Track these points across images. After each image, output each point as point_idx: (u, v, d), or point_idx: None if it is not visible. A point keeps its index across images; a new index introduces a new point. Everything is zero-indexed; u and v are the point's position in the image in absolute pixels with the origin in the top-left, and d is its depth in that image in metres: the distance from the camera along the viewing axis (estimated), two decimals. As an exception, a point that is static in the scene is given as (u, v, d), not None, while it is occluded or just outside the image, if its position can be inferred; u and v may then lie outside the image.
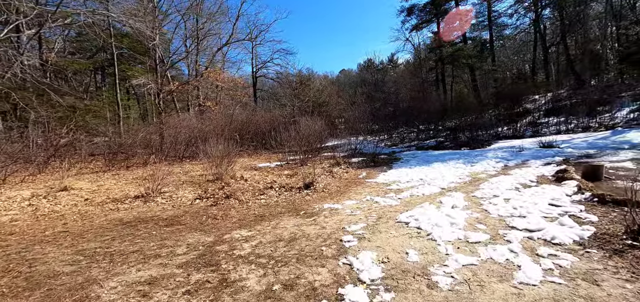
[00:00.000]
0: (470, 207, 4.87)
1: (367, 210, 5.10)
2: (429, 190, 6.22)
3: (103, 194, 7.02)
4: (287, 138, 10.98)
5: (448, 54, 21.93)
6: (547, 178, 6.68)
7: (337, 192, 6.60)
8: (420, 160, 10.41)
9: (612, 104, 15.54)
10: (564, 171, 6.71)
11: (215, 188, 7.05)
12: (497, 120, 16.78)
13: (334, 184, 7.32)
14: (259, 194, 6.52)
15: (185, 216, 5.14)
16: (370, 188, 6.84)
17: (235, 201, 5.95)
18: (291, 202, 5.87)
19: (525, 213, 4.38)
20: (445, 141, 14.97)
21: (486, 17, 24.25)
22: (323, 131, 11.48)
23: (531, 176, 6.95)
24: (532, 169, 7.73)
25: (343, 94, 32.23)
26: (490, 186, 6.18)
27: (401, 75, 32.06)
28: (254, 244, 3.77)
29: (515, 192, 5.62)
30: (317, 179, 7.73)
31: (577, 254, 3.09)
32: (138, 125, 17.59)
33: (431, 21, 23.94)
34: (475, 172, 7.84)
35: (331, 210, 5.22)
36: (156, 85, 15.03)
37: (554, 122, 15.66)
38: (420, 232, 3.91)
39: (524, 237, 3.55)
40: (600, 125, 14.09)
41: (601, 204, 4.60)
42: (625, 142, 10.48)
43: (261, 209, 5.44)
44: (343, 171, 9.14)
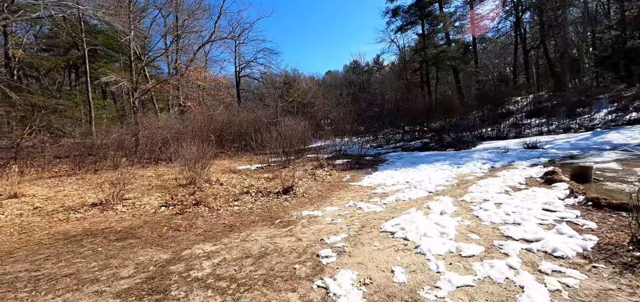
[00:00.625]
0: (461, 213, 4.46)
1: (349, 217, 4.61)
2: (416, 194, 5.80)
3: (58, 201, 6.24)
4: (268, 139, 10.39)
5: (432, 55, 21.87)
6: (536, 180, 6.40)
7: (318, 197, 6.09)
8: (406, 161, 10.05)
9: (591, 105, 15.75)
10: (552, 173, 6.46)
11: (186, 193, 6.40)
12: (481, 121, 16.73)
13: (316, 188, 6.80)
14: (233, 200, 5.92)
15: (143, 227, 4.49)
16: (354, 192, 6.36)
17: (205, 208, 5.33)
18: (267, 209, 5.31)
19: (519, 220, 4.00)
20: (430, 142, 14.75)
21: (469, 20, 24.42)
22: (307, 132, 10.96)
23: (519, 177, 6.66)
24: (519, 170, 7.47)
25: (329, 95, 31.86)
26: (479, 189, 5.82)
27: (387, 76, 31.96)
28: (216, 262, 3.20)
29: (505, 195, 5.27)
30: (298, 182, 7.19)
31: (583, 269, 2.70)
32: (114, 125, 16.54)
33: (416, 23, 23.86)
34: (462, 174, 7.51)
35: (310, 218, 4.70)
36: (131, 83, 14.11)
37: (536, 124, 15.73)
38: (407, 245, 3.44)
39: (522, 249, 3.14)
40: (580, 126, 14.22)
41: (597, 209, 4.29)
42: (606, 143, 10.47)
43: (232, 218, 4.85)
44: (326, 173, 8.65)
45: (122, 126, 15.46)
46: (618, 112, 14.69)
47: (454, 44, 23.70)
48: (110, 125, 16.92)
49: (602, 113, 15.13)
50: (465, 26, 25.20)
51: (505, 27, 24.70)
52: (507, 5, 23.92)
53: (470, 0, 24.22)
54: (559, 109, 16.32)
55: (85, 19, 14.74)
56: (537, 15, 21.64)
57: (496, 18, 25.04)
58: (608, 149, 9.65)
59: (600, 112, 15.19)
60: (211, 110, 21.82)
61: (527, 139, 12.34)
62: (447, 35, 23.77)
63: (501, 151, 10.60)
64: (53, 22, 20.05)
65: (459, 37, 25.66)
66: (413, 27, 24.54)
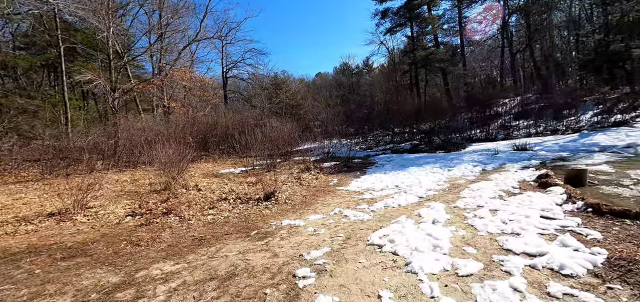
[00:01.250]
0: (454, 222, 4.08)
1: (333, 227, 4.16)
2: (406, 199, 5.40)
3: (13, 210, 5.59)
4: (253, 141, 9.87)
5: (421, 57, 21.73)
6: (530, 184, 6.10)
7: (302, 203, 5.62)
8: (396, 164, 9.69)
9: (577, 108, 15.80)
10: (546, 176, 6.18)
11: (158, 200, 5.83)
12: (470, 123, 16.60)
13: (300, 194, 6.33)
14: (208, 207, 5.39)
15: (99, 241, 3.94)
16: (341, 198, 5.92)
17: (175, 217, 4.80)
18: (244, 218, 4.81)
19: (518, 229, 3.63)
20: (420, 144, 14.48)
21: (457, 23, 24.45)
22: (294, 134, 10.48)
23: (512, 181, 6.35)
24: (511, 173, 7.18)
25: (319, 97, 31.46)
26: (472, 194, 5.47)
27: (376, 78, 31.78)
28: (174, 287, 2.70)
29: (500, 201, 4.92)
30: (282, 187, 6.71)
31: (598, 291, 2.31)
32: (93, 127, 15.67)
33: (405, 25, 23.71)
34: (453, 178, 7.17)
35: (291, 228, 4.23)
36: (109, 83, 13.34)
37: (524, 125, 15.68)
38: (396, 261, 3.01)
39: (526, 266, 2.75)
40: (567, 128, 14.19)
41: (598, 216, 3.96)
42: (594, 145, 10.36)
43: (204, 229, 4.34)
44: (313, 177, 8.19)
45: (100, 128, 14.66)
46: (603, 114, 14.76)
47: (443, 46, 23.67)
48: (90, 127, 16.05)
49: (588, 115, 15.19)
50: (453, 29, 25.29)
51: (492, 30, 24.85)
52: (494, 9, 24.11)
53: (458, 4, 24.30)
54: (546, 111, 16.35)
55: (60, 15, 13.91)
56: (523, 18, 21.78)
57: (484, 21, 25.24)
58: (597, 150, 9.52)
59: (586, 114, 15.24)
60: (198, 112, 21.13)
61: (516, 140, 12.20)
62: (435, 38, 23.71)
63: (491, 152, 10.37)
64: (30, 19, 19.04)
65: (448, 40, 25.71)
66: (402, 29, 24.40)
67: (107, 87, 13.21)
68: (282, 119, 13.87)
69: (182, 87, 20.85)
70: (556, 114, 15.76)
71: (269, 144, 9.80)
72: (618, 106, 15.27)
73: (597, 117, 14.64)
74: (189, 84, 18.46)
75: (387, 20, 24.17)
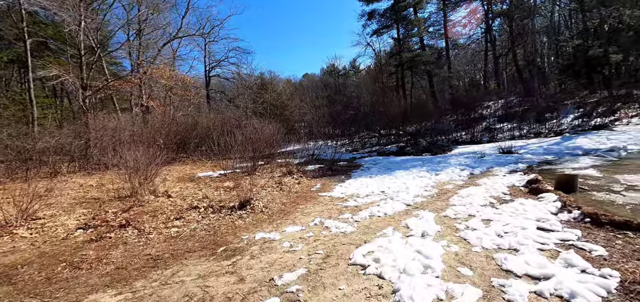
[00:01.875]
0: (445, 235, 3.67)
1: (312, 242, 3.68)
2: (393, 207, 4.97)
3: (-54, 222, 4.80)
4: (233, 143, 9.27)
5: (408, 59, 21.61)
6: (520, 190, 5.81)
7: (280, 212, 5.11)
8: (382, 168, 9.31)
9: (558, 111, 15.96)
10: (536, 181, 5.91)
11: (119, 210, 5.18)
12: (456, 125, 16.50)
13: (279, 201, 5.81)
14: (175, 217, 4.80)
15: (33, 263, 3.30)
16: (323, 205, 5.44)
17: (134, 230, 4.18)
18: (214, 231, 4.25)
19: (515, 244, 3.25)
20: (406, 146, 14.22)
21: (442, 26, 24.51)
22: (276, 135, 9.93)
23: (502, 186, 6.06)
24: (500, 178, 6.91)
25: (306, 98, 30.95)
26: (462, 201, 5.11)
27: (363, 80, 31.59)
28: (107, 329, 2.14)
29: (492, 209, 4.56)
30: (261, 193, 6.18)
31: (620, 329, 1.93)
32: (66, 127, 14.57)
33: (391, 27, 23.57)
34: (441, 182, 6.83)
35: (264, 243, 3.71)
36: (78, 80, 12.38)
37: (507, 128, 15.70)
38: (382, 287, 2.55)
39: (531, 294, 2.35)
40: (550, 131, 14.26)
41: (597, 227, 3.65)
42: (577, 148, 10.33)
43: (164, 246, 3.76)
44: (295, 181, 7.68)
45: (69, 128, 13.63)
46: (583, 117, 14.95)
47: (428, 48, 23.67)
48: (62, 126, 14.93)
49: (569, 118, 15.36)
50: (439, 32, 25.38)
51: (476, 33, 25.09)
52: (478, 13, 24.33)
53: (443, 7, 24.38)
54: (529, 114, 16.46)
55: (25, 7, 12.82)
56: (506, 23, 22.01)
57: (468, 25, 25.45)
58: (580, 154, 9.46)
59: (567, 118, 15.41)
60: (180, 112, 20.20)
61: (501, 143, 12.06)
62: (421, 40, 23.67)
63: (477, 155, 10.16)
64: None
65: (433, 43, 25.77)
66: (388, 31, 24.26)
67: (77, 84, 12.22)
68: (266, 120, 13.30)
69: (162, 86, 19.89)
70: (538, 117, 15.87)
71: (250, 146, 9.22)
72: (597, 110, 15.53)
73: (578, 120, 14.81)
74: (168, 83, 17.56)
75: (373, 21, 23.98)
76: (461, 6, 25.00)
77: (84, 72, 12.91)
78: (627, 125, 13.31)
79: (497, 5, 22.65)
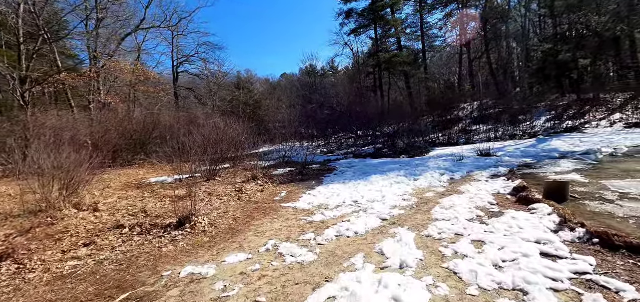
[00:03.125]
0: (430, 266, 2.80)
1: (256, 281, 2.68)
2: (365, 224, 4.08)
3: None
4: (192, 144, 8.06)
5: (385, 59, 21.09)
6: (507, 198, 5.12)
7: (228, 231, 4.06)
8: (357, 171, 8.46)
9: (531, 114, 15.93)
10: (523, 189, 5.25)
11: (16, 231, 3.92)
12: (433, 127, 16.07)
13: (231, 215, 4.75)
14: (84, 243, 3.62)
15: None
16: (283, 221, 4.45)
17: (10, 267, 2.99)
18: (128, 264, 3.15)
19: (521, 281, 2.43)
20: (383, 148, 13.52)
21: (419, 28, 24.27)
22: (243, 136, 8.80)
23: (487, 194, 5.35)
24: (483, 184, 6.24)
25: (284, 98, 29.80)
26: (445, 214, 4.31)
27: (341, 80, 30.91)
28: None
29: (481, 226, 3.78)
30: (214, 203, 5.09)
31: None
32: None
33: (369, 26, 23.00)
34: (420, 189, 6.05)
35: (190, 283, 2.67)
36: (16, 71, 10.60)
37: (483, 130, 15.45)
38: None
39: None
40: (524, 133, 14.09)
41: (610, 251, 2.94)
42: (553, 151, 10.03)
43: (44, 292, 2.62)
44: (258, 188, 6.64)
45: (9, 124, 11.72)
46: (555, 120, 14.98)
47: (406, 50, 23.31)
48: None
49: (541, 121, 15.35)
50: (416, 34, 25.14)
51: (451, 36, 25.07)
52: (454, 17, 24.31)
53: (420, 9, 24.14)
54: (503, 117, 16.36)
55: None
56: (481, 29, 22.04)
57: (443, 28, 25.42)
58: (558, 157, 9.13)
59: (540, 120, 15.39)
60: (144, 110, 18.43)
61: (479, 145, 11.60)
62: (399, 41, 23.28)
63: (456, 158, 9.56)
64: None
65: (410, 45, 25.52)
66: (366, 31, 23.68)
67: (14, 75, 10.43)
68: (234, 119, 12.10)
69: (126, 82, 18.03)
70: (512, 120, 15.78)
71: (211, 147, 8.05)
72: (568, 113, 15.66)
73: (550, 123, 14.82)
74: (128, 78, 15.83)
75: (351, 20, 23.31)
76: (437, 9, 24.94)
77: (23, 62, 11.10)
78: (597, 128, 13.38)
79: (472, 9, 22.72)
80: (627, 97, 15.56)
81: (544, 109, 16.45)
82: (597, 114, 14.97)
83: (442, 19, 24.79)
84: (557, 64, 17.94)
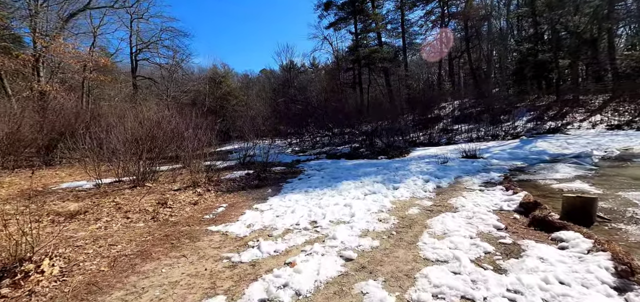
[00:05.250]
0: None
1: None
2: (316, 272, 2.50)
3: None
4: (115, 142, 6.18)
5: (365, 54, 19.71)
6: (515, 219, 3.75)
7: (80, 292, 2.35)
8: (326, 176, 6.91)
9: (512, 113, 15.08)
10: (534, 206, 3.90)
11: None
12: (413, 125, 14.84)
13: (114, 251, 3.02)
14: None
15: None
16: (191, 264, 2.79)
17: None
18: None
19: None
20: (361, 147, 12.09)
21: (400, 24, 23.12)
22: (185, 131, 6.99)
23: (487, 212, 3.96)
24: (477, 194, 4.87)
25: (262, 93, 27.78)
26: (438, 249, 2.83)
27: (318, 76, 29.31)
28: None
29: (497, 277, 2.31)
30: (111, 227, 3.34)
31: None
32: None
33: (349, 20, 21.53)
34: (401, 203, 4.58)
35: None
36: None
37: (464, 130, 14.41)
38: None
39: None
40: (506, 133, 13.13)
41: None
42: (542, 153, 9.00)
43: None
44: (192, 199, 4.92)
45: None
46: (536, 120, 14.18)
47: (386, 46, 22.07)
48: None
49: (522, 121, 14.52)
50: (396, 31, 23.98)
51: (432, 34, 24.12)
52: (434, 15, 23.34)
53: (401, 5, 22.96)
54: (483, 116, 15.45)
55: None
56: (462, 25, 21.16)
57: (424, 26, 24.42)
58: (548, 160, 8.10)
59: (521, 120, 14.55)
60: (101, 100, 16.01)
61: (463, 145, 10.38)
62: (379, 36, 21.98)
63: (440, 160, 8.25)
64: None
65: (391, 41, 24.34)
66: (346, 25, 22.18)
67: None
68: (199, 114, 10.19)
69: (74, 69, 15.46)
70: (493, 119, 14.88)
71: (143, 144, 6.21)
72: (548, 113, 14.96)
73: (531, 123, 14.00)
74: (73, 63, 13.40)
75: (330, 13, 21.77)
76: (418, 6, 23.86)
77: None
78: (579, 130, 12.64)
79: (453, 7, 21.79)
80: (605, 98, 15.07)
81: (524, 109, 15.67)
82: (577, 115, 14.31)
83: (423, 17, 23.79)
84: (536, 64, 17.28)
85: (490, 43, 19.17)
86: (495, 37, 21.74)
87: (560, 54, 16.26)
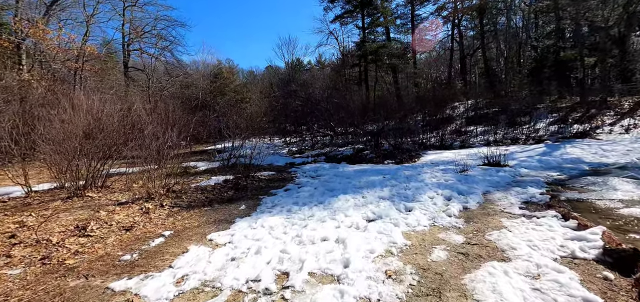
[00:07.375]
0: None
1: None
2: None
3: None
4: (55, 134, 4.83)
5: (372, 50, 18.14)
6: (606, 278, 2.26)
7: None
8: (320, 186, 5.47)
9: (531, 115, 13.41)
10: (634, 257, 2.42)
11: None
12: (423, 126, 13.28)
13: None
14: None
15: None
16: None
17: None
18: None
19: None
20: (365, 149, 10.61)
21: (409, 20, 21.47)
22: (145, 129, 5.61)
23: (554, 263, 2.48)
24: (523, 223, 3.39)
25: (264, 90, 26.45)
26: None
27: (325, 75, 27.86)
28: None
29: None
30: None
31: None
32: None
33: (356, 13, 19.95)
34: (419, 237, 3.12)
35: None
36: None
37: (479, 132, 12.77)
38: None
39: None
40: (527, 137, 11.51)
41: None
42: (577, 161, 7.45)
43: None
44: (128, 220, 3.55)
45: None
46: (560, 123, 12.49)
47: (395, 41, 20.45)
48: None
49: (543, 123, 12.84)
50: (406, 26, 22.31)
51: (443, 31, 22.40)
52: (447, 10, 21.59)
53: (411, 1, 21.29)
54: (500, 117, 13.81)
55: None
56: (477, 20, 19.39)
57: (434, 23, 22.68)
58: (588, 170, 6.58)
59: (542, 122, 12.86)
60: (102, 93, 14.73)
61: (480, 149, 8.86)
62: (387, 31, 20.36)
63: (458, 168, 6.77)
64: None
65: (399, 37, 22.69)
66: (352, 18, 20.61)
67: None
68: (185, 108, 8.87)
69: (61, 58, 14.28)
70: (510, 121, 13.25)
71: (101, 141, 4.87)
72: (572, 115, 13.28)
73: (554, 126, 12.32)
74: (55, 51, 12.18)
75: (336, 5, 20.20)
76: (429, 1, 22.12)
77: None
78: (611, 134, 10.93)
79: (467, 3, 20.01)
80: (636, 100, 13.29)
81: (544, 111, 13.98)
82: (606, 118, 12.59)
83: (434, 12, 22.06)
84: (557, 63, 15.53)
85: (507, 40, 17.39)
86: (511, 33, 19.94)
87: (585, 52, 14.49)
